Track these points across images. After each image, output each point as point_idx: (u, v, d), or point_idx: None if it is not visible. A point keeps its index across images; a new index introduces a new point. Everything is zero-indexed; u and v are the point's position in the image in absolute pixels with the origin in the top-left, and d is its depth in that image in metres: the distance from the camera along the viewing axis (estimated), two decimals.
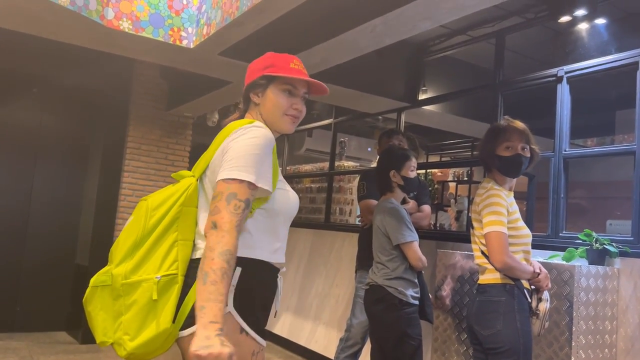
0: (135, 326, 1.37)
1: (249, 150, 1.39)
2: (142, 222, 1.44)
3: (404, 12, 2.69)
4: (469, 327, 2.43)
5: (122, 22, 3.28)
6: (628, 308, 2.68)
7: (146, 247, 1.42)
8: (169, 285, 1.39)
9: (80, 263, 5.43)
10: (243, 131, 1.44)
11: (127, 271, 1.40)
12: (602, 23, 3.50)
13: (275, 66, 1.56)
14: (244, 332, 1.39)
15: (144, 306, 1.37)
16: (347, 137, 7.19)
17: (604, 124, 5.73)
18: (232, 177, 1.35)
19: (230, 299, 1.37)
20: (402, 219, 2.81)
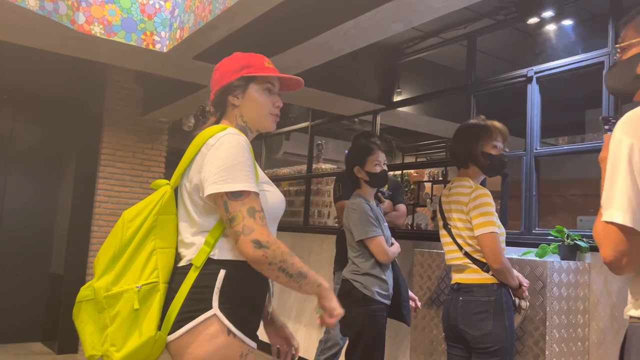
0: (121, 337, 1.38)
1: (234, 159, 1.41)
2: (120, 234, 1.47)
3: (376, 14, 2.72)
4: (451, 327, 2.42)
5: (93, 26, 3.25)
6: (599, 302, 2.75)
7: (125, 258, 1.44)
8: (150, 293, 1.40)
9: (56, 272, 5.34)
10: (218, 141, 1.44)
11: (108, 283, 1.42)
12: (569, 24, 3.59)
13: (253, 66, 1.57)
14: (231, 333, 1.39)
15: (127, 316, 1.38)
16: (324, 140, 7.21)
17: (574, 123, 5.86)
18: (232, 190, 1.38)
19: (215, 301, 1.38)
20: (364, 214, 2.73)
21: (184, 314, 1.39)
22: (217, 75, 1.61)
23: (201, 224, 1.46)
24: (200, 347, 1.36)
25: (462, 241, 2.40)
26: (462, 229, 2.39)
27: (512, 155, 3.36)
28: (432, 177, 6.43)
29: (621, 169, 1.20)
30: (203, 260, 1.42)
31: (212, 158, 1.42)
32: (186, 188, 1.49)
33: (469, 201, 2.36)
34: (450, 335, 2.45)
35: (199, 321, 1.37)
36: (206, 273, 1.41)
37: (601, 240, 1.23)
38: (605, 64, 2.97)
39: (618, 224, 1.18)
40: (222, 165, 1.40)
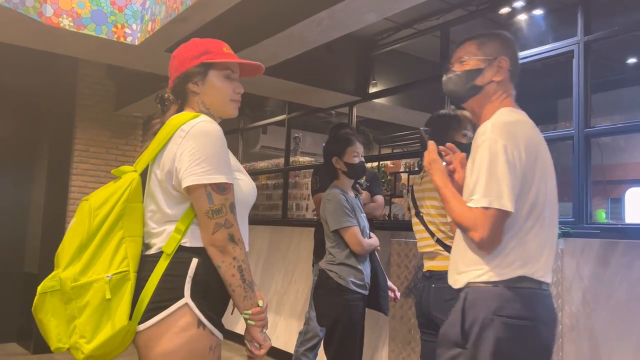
0: (91, 328, 1.35)
1: (211, 149, 1.41)
2: (87, 223, 1.41)
3: (350, 4, 2.72)
4: (424, 314, 2.45)
5: (62, 19, 3.18)
6: (572, 286, 2.81)
7: (93, 247, 1.40)
8: (121, 283, 1.37)
9: (29, 271, 5.23)
10: (193, 128, 1.42)
11: (75, 273, 1.37)
12: (539, 14, 3.63)
13: (212, 52, 1.55)
14: (201, 325, 1.38)
15: (98, 307, 1.35)
16: (302, 133, 7.20)
17: (547, 113, 5.96)
18: (216, 182, 1.39)
19: (187, 290, 1.37)
20: (339, 204, 2.74)
21: (155, 303, 1.37)
22: (176, 62, 1.58)
23: (170, 212, 1.44)
24: (170, 340, 1.35)
25: (435, 228, 2.43)
26: (435, 216, 2.42)
27: None
28: (409, 167, 6.48)
29: (500, 163, 1.49)
30: (174, 248, 1.41)
31: (189, 146, 1.40)
32: (156, 175, 1.47)
33: None
34: (424, 322, 2.48)
35: (170, 311, 1.36)
36: (178, 261, 1.40)
37: (477, 223, 1.51)
38: (574, 53, 3.02)
39: (500, 209, 1.48)
40: (201, 155, 1.39)
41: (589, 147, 2.94)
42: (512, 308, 1.51)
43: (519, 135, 1.55)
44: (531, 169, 1.56)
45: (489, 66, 1.73)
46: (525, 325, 1.52)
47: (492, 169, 1.51)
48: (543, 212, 1.59)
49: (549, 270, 1.60)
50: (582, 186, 2.90)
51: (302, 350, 3.62)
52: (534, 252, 1.56)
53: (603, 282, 2.68)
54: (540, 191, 1.57)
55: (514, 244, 1.55)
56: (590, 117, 2.95)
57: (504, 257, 1.54)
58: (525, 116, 1.68)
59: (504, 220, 1.51)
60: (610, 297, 2.65)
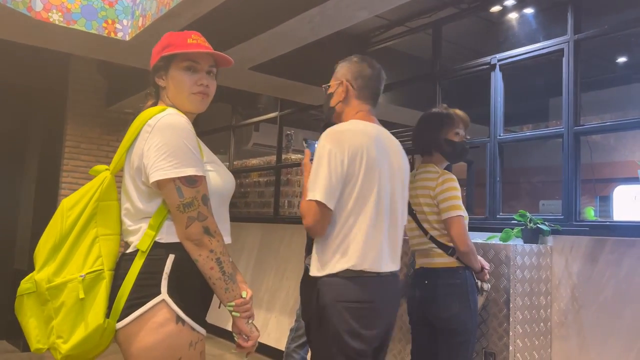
0: (67, 328, 1.35)
1: (178, 142, 1.39)
2: (59, 224, 1.42)
3: (341, 1, 2.72)
4: (416, 310, 2.47)
5: (51, 14, 3.15)
6: (560, 283, 2.83)
7: (66, 247, 1.40)
8: (95, 282, 1.37)
9: (19, 268, 5.20)
10: (158, 122, 1.41)
11: (49, 274, 1.38)
12: (530, 12, 3.65)
13: (172, 45, 1.52)
14: (180, 321, 1.37)
15: (72, 307, 1.35)
16: (294, 130, 7.18)
17: (538, 111, 5.99)
18: (184, 174, 1.37)
19: (164, 286, 1.36)
20: None
21: (132, 301, 1.36)
22: (151, 57, 1.58)
23: (144, 209, 1.43)
24: (148, 336, 1.34)
25: (429, 225, 2.43)
26: (429, 214, 2.43)
27: (477, 142, 3.41)
28: None
29: (323, 164, 1.82)
30: (149, 245, 1.40)
31: (155, 141, 1.39)
32: (128, 172, 1.46)
33: (436, 186, 2.40)
34: (416, 319, 2.50)
35: (147, 307, 1.35)
36: (154, 258, 1.39)
37: (305, 212, 1.83)
38: (564, 52, 3.03)
39: (317, 201, 1.79)
40: (167, 149, 1.37)
41: (578, 145, 2.96)
42: (350, 294, 1.82)
43: (344, 142, 1.84)
44: (354, 171, 1.84)
45: (337, 89, 2.08)
46: (363, 307, 1.84)
47: (317, 169, 1.84)
48: (377, 208, 1.86)
49: (390, 261, 1.92)
50: (571, 184, 2.93)
51: (293, 346, 3.63)
52: (362, 247, 1.83)
53: (591, 279, 2.70)
54: (367, 191, 1.85)
55: (340, 240, 1.84)
56: (579, 116, 2.97)
57: (333, 253, 1.85)
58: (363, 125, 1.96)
59: (323, 212, 1.82)
60: (599, 294, 2.67)
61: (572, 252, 2.79)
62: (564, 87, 3.02)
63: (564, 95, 3.01)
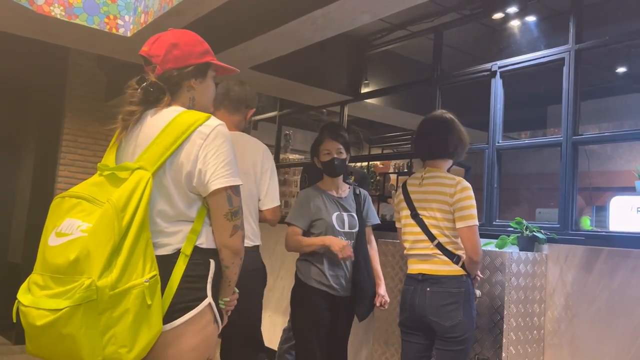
0: (131, 335, 1.29)
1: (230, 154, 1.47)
2: (116, 226, 1.30)
3: (344, 4, 2.72)
4: (415, 317, 2.42)
5: (53, 8, 3.14)
6: (555, 291, 2.84)
7: (125, 252, 1.30)
8: (154, 286, 1.34)
9: (13, 261, 5.19)
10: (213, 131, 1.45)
11: (113, 281, 1.27)
12: (532, 20, 3.66)
13: (211, 53, 1.59)
14: (216, 322, 1.47)
15: (138, 313, 1.29)
16: (292, 130, 7.19)
17: (537, 118, 6.00)
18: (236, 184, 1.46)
19: (209, 290, 1.44)
20: (298, 200, 2.83)
21: (179, 304, 1.39)
22: (179, 52, 1.52)
23: (184, 212, 1.45)
24: (195, 336, 1.40)
25: (438, 232, 2.41)
26: (441, 220, 2.40)
27: (475, 148, 3.42)
28: (398, 168, 6.50)
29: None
30: (192, 249, 1.44)
31: (216, 150, 1.44)
32: (170, 175, 1.43)
33: (454, 193, 2.38)
34: (411, 325, 2.46)
35: (197, 311, 1.41)
36: (197, 262, 1.44)
37: None
38: (565, 61, 3.04)
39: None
40: (225, 158, 1.44)
41: (576, 155, 2.97)
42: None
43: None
44: None
45: None
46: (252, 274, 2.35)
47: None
48: None
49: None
50: (568, 193, 2.93)
51: (286, 347, 3.63)
52: None
53: (585, 288, 2.71)
54: None
55: None
56: (578, 125, 2.98)
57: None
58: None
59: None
60: (592, 304, 2.68)
61: (567, 261, 2.80)
62: (564, 96, 3.02)
63: (563, 104, 3.02)
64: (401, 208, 2.58)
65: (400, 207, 2.59)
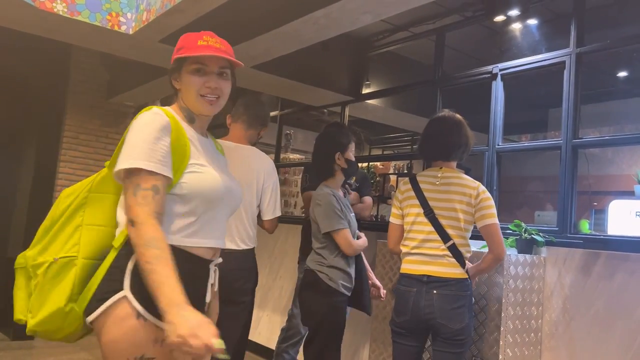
0: (37, 305, 1.44)
1: (140, 136, 1.41)
2: (53, 210, 1.53)
3: (346, 4, 2.72)
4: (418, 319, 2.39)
5: (56, 4, 3.15)
6: (553, 294, 2.84)
7: (53, 231, 1.49)
8: (65, 267, 1.44)
9: (12, 257, 5.17)
10: (137, 120, 1.45)
11: (35, 253, 1.48)
12: (533, 23, 3.67)
13: (184, 47, 1.52)
14: (141, 317, 1.34)
15: (43, 286, 1.44)
16: (293, 130, 7.19)
17: (537, 121, 6.01)
18: (127, 166, 1.38)
19: (126, 283, 1.37)
20: (330, 205, 2.67)
21: (99, 295, 1.39)
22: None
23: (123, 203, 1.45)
24: (110, 330, 1.35)
25: (456, 232, 2.40)
26: (463, 221, 2.41)
27: (475, 150, 3.41)
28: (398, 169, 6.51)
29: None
30: (122, 241, 1.41)
31: (128, 134, 1.44)
32: None
33: (478, 194, 2.42)
34: (410, 327, 2.44)
35: (110, 303, 1.35)
36: (122, 253, 1.40)
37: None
38: (566, 64, 3.05)
39: None
40: (128, 142, 1.42)
41: (576, 158, 2.97)
42: None
43: None
44: None
45: None
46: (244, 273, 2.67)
47: None
48: None
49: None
50: (567, 196, 2.94)
51: (284, 346, 3.63)
52: None
53: (584, 291, 2.72)
54: None
55: None
56: (578, 128, 2.99)
57: None
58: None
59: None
60: (590, 307, 2.68)
61: (565, 264, 2.80)
62: (564, 100, 3.03)
63: (563, 108, 3.03)
64: (409, 205, 2.54)
65: (408, 204, 2.54)
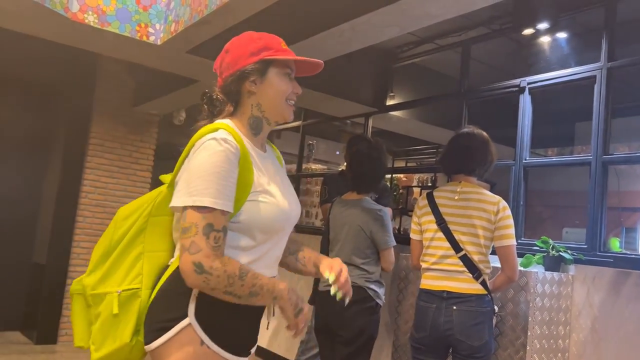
0: (100, 337, 1.36)
1: (208, 169, 1.26)
2: (111, 232, 1.42)
3: (372, 18, 2.72)
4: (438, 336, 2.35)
5: (87, 15, 3.21)
6: (581, 314, 2.77)
7: (112, 258, 1.39)
8: (130, 299, 1.35)
9: (38, 262, 5.27)
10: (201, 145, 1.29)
11: (94, 282, 1.39)
12: (563, 37, 3.61)
13: (272, 48, 1.40)
14: (204, 344, 1.30)
15: (106, 319, 1.35)
16: (316, 140, 7.20)
17: (564, 135, 5.91)
18: (199, 204, 1.24)
19: (191, 310, 1.29)
20: (389, 221, 2.84)
21: (160, 323, 1.31)
22: (229, 58, 1.41)
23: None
24: (172, 356, 1.29)
25: (475, 249, 2.38)
26: (482, 237, 2.39)
27: (502, 165, 3.37)
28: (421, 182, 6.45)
29: None
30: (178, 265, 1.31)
31: (189, 165, 1.29)
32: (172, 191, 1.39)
33: (498, 211, 2.39)
34: (430, 344, 2.40)
35: (174, 332, 1.28)
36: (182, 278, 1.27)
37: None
38: (597, 79, 2.99)
39: None
40: (194, 174, 1.27)
41: (606, 174, 2.90)
42: None
43: None
44: None
45: None
46: None
47: None
48: None
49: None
50: (596, 213, 2.87)
51: (303, 359, 3.61)
52: None
53: (613, 311, 2.64)
54: None
55: None
56: (609, 144, 2.92)
57: None
58: None
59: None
60: (620, 328, 2.61)
61: (594, 283, 2.73)
62: (594, 115, 2.97)
63: (593, 123, 2.96)
64: (427, 221, 2.54)
65: (426, 220, 2.55)
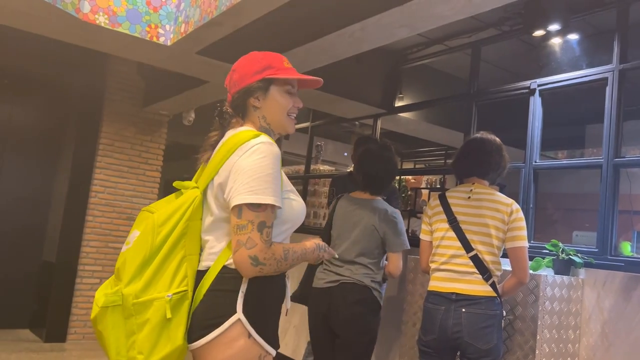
0: (149, 345, 1.37)
1: (264, 170, 1.40)
2: (150, 239, 1.42)
3: (382, 19, 2.72)
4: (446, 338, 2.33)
5: (98, 16, 3.23)
6: (591, 318, 2.74)
7: (155, 265, 1.41)
8: (180, 302, 1.40)
9: (48, 260, 5.31)
10: (251, 148, 1.42)
11: (137, 290, 1.39)
12: (574, 39, 3.58)
13: (274, 67, 1.56)
14: (251, 337, 1.41)
15: (157, 324, 1.37)
16: (324, 141, 7.19)
17: (574, 137, 5.86)
18: (257, 202, 1.37)
19: (239, 305, 1.40)
20: (403, 224, 2.87)
21: (208, 320, 1.39)
22: (236, 76, 1.57)
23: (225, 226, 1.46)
24: (223, 351, 1.38)
25: (487, 249, 2.37)
26: (495, 237, 2.38)
27: (511, 167, 3.34)
28: (430, 184, 6.42)
29: None
30: (224, 263, 1.43)
31: (244, 166, 1.40)
32: (212, 193, 1.49)
33: (511, 212, 2.39)
34: (438, 347, 2.38)
35: (224, 328, 1.38)
36: (228, 277, 1.42)
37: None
38: (609, 80, 2.96)
39: None
40: (252, 175, 1.39)
41: (617, 177, 2.88)
42: None
43: None
44: None
45: None
46: None
47: None
48: None
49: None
50: (607, 216, 2.84)
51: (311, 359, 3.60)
52: None
53: (623, 316, 2.62)
54: None
55: None
56: (621, 147, 2.89)
57: None
58: None
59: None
60: (630, 332, 2.58)
61: (604, 287, 2.71)
62: (606, 117, 2.94)
63: (605, 125, 2.94)
64: (438, 221, 2.52)
65: (437, 220, 2.53)
